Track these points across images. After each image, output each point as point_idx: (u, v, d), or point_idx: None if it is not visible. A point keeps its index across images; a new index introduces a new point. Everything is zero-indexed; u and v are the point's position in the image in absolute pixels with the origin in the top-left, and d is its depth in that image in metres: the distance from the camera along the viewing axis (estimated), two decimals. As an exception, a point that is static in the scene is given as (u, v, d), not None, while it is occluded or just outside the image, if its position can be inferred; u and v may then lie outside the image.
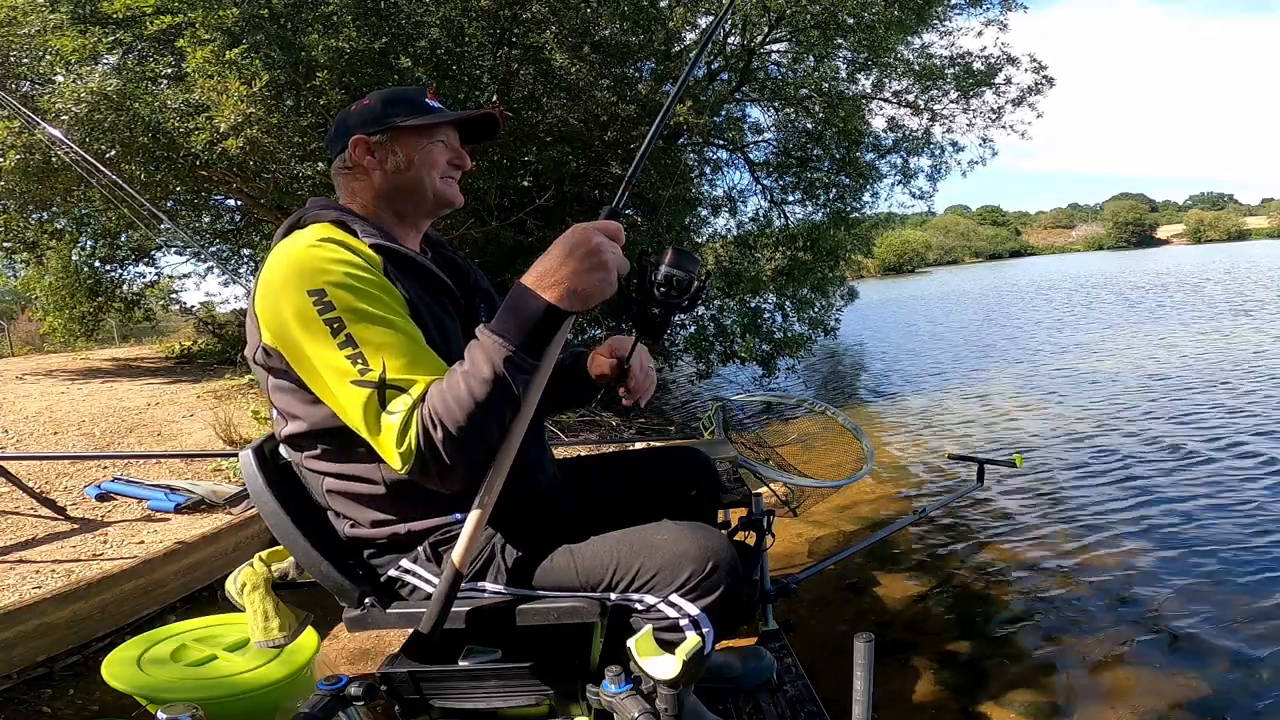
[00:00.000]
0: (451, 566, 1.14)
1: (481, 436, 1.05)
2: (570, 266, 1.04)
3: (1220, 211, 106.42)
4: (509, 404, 1.06)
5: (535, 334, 1.06)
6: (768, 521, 1.93)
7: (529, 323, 1.05)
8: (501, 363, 1.04)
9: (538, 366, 1.08)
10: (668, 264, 1.18)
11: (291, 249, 1.16)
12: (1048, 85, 11.19)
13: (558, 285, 1.05)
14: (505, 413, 1.06)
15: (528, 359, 1.06)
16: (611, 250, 1.06)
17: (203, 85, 5.79)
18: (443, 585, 1.15)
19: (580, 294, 1.05)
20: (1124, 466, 5.02)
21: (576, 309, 1.06)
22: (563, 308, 1.05)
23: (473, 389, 1.03)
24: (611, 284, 1.07)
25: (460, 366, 1.07)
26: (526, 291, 1.06)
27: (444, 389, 1.05)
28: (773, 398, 5.92)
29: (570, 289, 1.04)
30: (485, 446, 1.07)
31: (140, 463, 4.40)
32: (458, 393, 1.04)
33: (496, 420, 1.06)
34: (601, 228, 1.07)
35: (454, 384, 1.05)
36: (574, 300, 1.05)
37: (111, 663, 1.78)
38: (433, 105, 1.35)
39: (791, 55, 10.76)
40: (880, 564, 3.66)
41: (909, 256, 69.10)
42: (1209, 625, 2.85)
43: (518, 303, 1.07)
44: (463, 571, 1.14)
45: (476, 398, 1.03)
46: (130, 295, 11.70)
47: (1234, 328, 12.04)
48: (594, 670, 1.28)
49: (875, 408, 8.40)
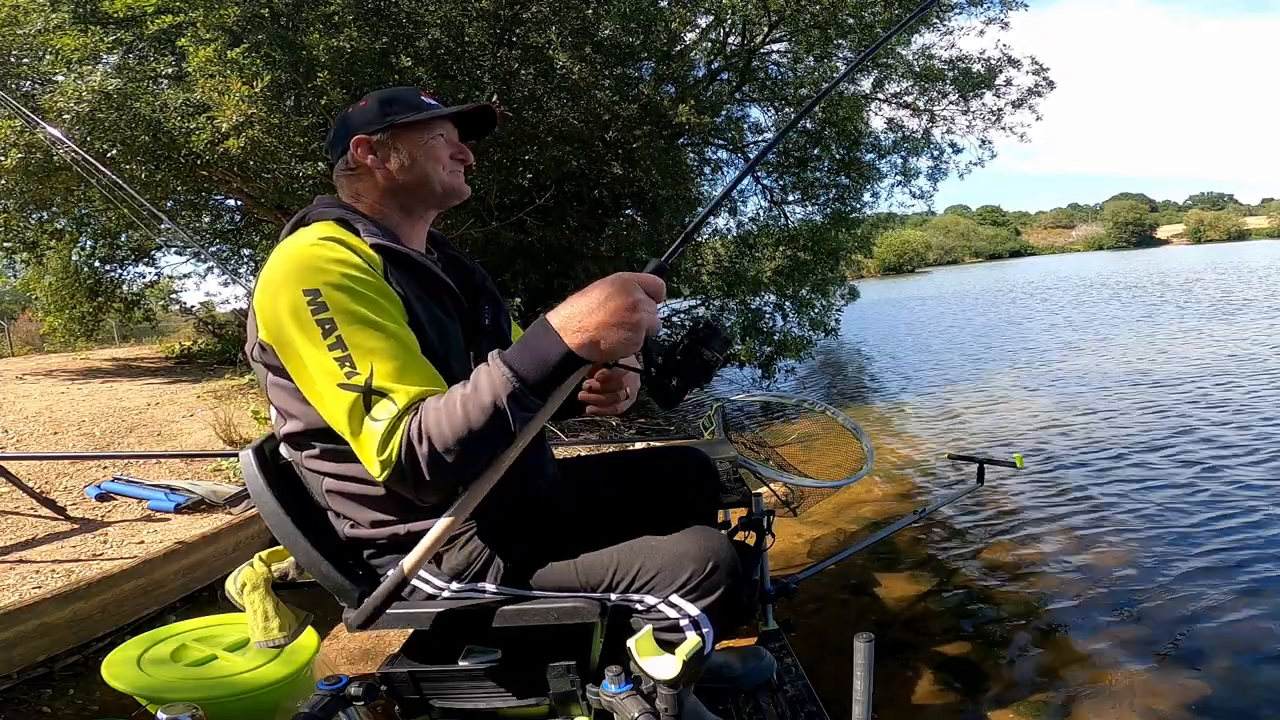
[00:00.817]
0: (399, 571, 1.14)
1: (467, 463, 1.03)
2: (600, 318, 0.99)
3: (1220, 211, 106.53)
4: (503, 439, 1.03)
5: (547, 376, 1.02)
6: (768, 521, 1.94)
7: (543, 364, 1.01)
8: (505, 397, 1.01)
9: (541, 407, 1.05)
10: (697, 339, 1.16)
11: (293, 247, 1.16)
12: (1048, 87, 11.18)
13: (583, 333, 1.00)
14: (497, 446, 1.04)
15: (533, 399, 1.03)
16: (648, 310, 1.02)
17: (204, 85, 5.79)
18: (384, 587, 1.16)
19: (604, 349, 1.00)
20: (1125, 466, 5.02)
21: (596, 360, 1.03)
22: (581, 356, 1.01)
23: (469, 415, 1.01)
24: (637, 344, 1.02)
25: (462, 389, 1.04)
26: (549, 331, 1.02)
27: (440, 407, 1.03)
28: (773, 398, 5.91)
29: (594, 340, 1.00)
30: (469, 470, 1.05)
31: (140, 463, 4.40)
32: (453, 415, 1.02)
33: (487, 451, 1.04)
34: (645, 283, 1.03)
35: (451, 405, 1.03)
36: (594, 352, 1.01)
37: (111, 663, 1.78)
38: (429, 103, 1.36)
39: (791, 55, 10.75)
40: (880, 564, 3.66)
41: (909, 256, 69.14)
42: (1209, 625, 2.85)
43: (538, 340, 1.02)
44: (409, 579, 1.15)
45: (471, 425, 1.01)
46: (130, 295, 11.69)
47: (1234, 327, 12.04)
48: (594, 670, 1.28)
49: (875, 408, 8.40)
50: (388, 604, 1.18)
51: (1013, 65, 11.12)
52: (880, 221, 14.19)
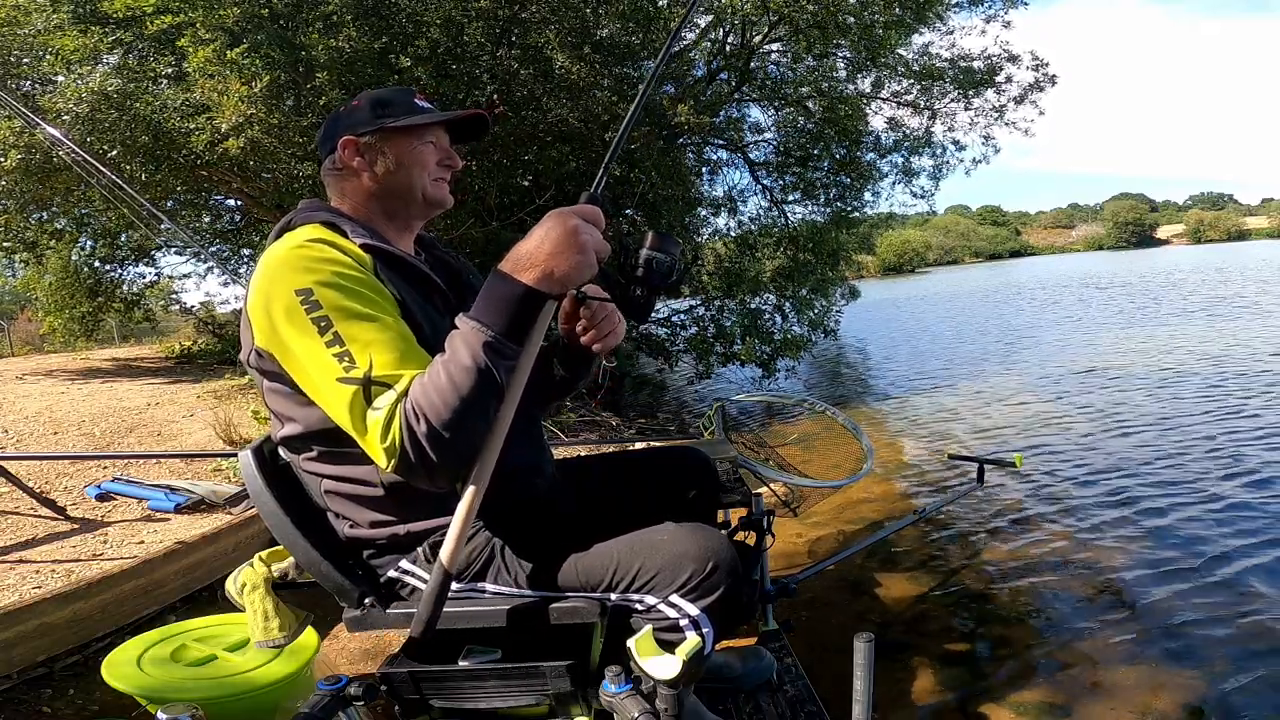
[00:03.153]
0: (440, 567, 1.12)
1: (465, 427, 1.02)
2: (547, 249, 1.04)
3: (1220, 211, 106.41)
4: (492, 393, 1.03)
5: (515, 318, 1.04)
6: (768, 521, 1.94)
7: (507, 307, 1.04)
8: (481, 349, 1.02)
9: (520, 352, 1.06)
10: (649, 247, 1.19)
11: (280, 250, 1.16)
12: (1049, 82, 11.18)
13: (535, 267, 1.04)
14: (490, 402, 1.04)
15: (509, 344, 1.04)
16: (589, 233, 1.06)
17: (203, 85, 5.79)
18: (432, 585, 1.14)
19: (558, 276, 1.04)
20: (1125, 466, 5.02)
21: (555, 291, 1.05)
22: (541, 290, 1.04)
23: (454, 377, 1.01)
24: (590, 266, 1.06)
25: (441, 357, 1.05)
26: (503, 276, 1.05)
27: (425, 380, 1.03)
28: (773, 397, 5.91)
29: (548, 271, 1.03)
30: (470, 439, 1.04)
31: (140, 463, 4.40)
32: (438, 383, 1.02)
33: (480, 410, 1.03)
34: (579, 211, 1.07)
35: (434, 374, 1.03)
36: (552, 283, 1.04)
37: (111, 663, 1.78)
38: (422, 105, 1.35)
39: (791, 55, 10.75)
40: (880, 564, 3.66)
41: (909, 256, 69.09)
42: (1210, 624, 2.85)
43: (495, 288, 1.05)
44: (451, 572, 1.12)
45: (458, 387, 1.01)
46: (130, 295, 11.68)
47: (1234, 328, 12.04)
48: (594, 670, 1.28)
49: (875, 408, 8.40)
50: (440, 604, 1.15)
51: (1012, 61, 11.13)
52: (881, 221, 14.18)
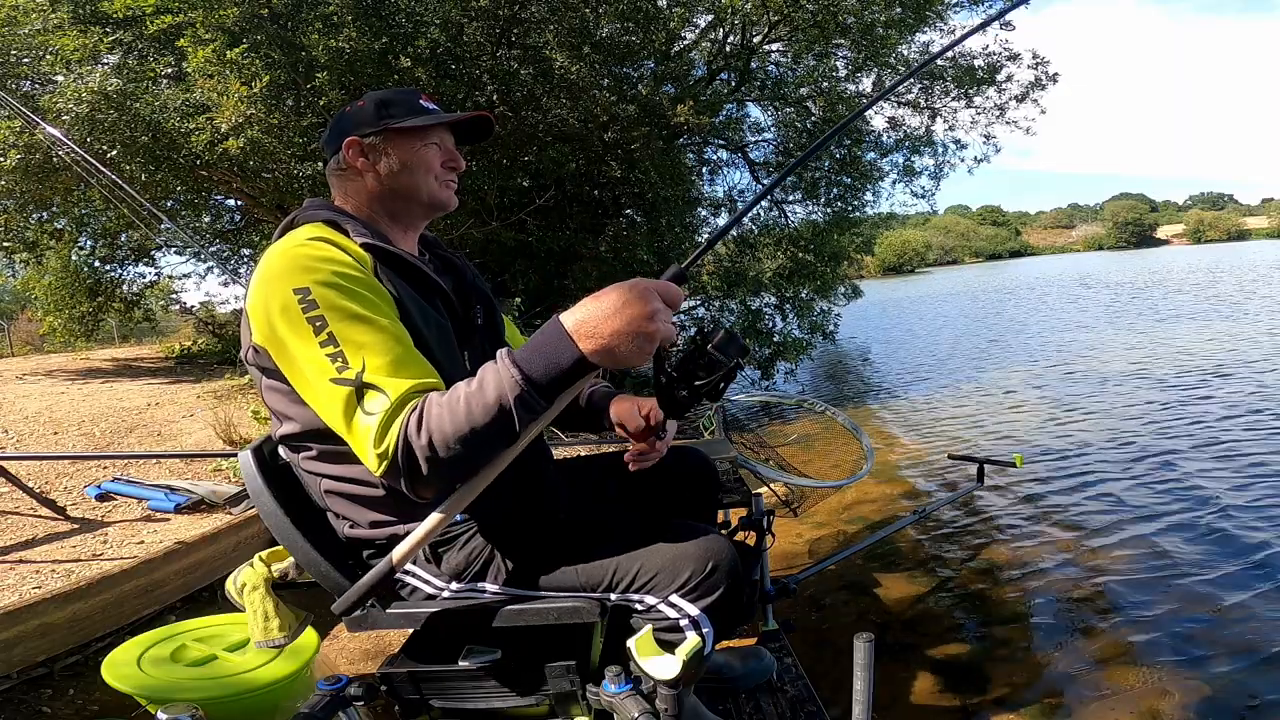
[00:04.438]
0: (388, 562, 1.12)
1: (466, 460, 1.02)
2: (616, 325, 0.96)
3: (1220, 211, 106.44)
4: (505, 438, 1.02)
5: (555, 379, 0.99)
6: (768, 521, 1.94)
7: (554, 368, 0.99)
8: (512, 398, 0.99)
9: (547, 409, 1.03)
10: (714, 346, 1.09)
11: (281, 248, 1.17)
12: (1049, 80, 11.19)
13: (597, 339, 0.97)
14: (498, 445, 1.03)
15: (540, 401, 1.00)
16: (664, 320, 0.98)
17: (203, 85, 5.80)
18: (371, 574, 1.14)
19: (616, 357, 0.97)
20: (1124, 466, 5.02)
21: (607, 367, 1.01)
22: (594, 363, 0.98)
23: (473, 412, 1.00)
24: (649, 355, 0.99)
25: (466, 386, 1.02)
26: (562, 334, 0.98)
27: (443, 403, 1.02)
28: (772, 398, 5.92)
29: (609, 348, 0.97)
30: (465, 469, 1.04)
31: (140, 463, 4.40)
32: (455, 412, 1.00)
33: (487, 449, 1.02)
34: (663, 291, 1.00)
35: (454, 401, 1.01)
36: (607, 359, 0.98)
37: (111, 663, 1.78)
38: (427, 107, 1.35)
39: (791, 55, 10.75)
40: (880, 564, 3.66)
41: (909, 257, 69.09)
42: (1210, 624, 2.85)
43: (550, 343, 0.99)
44: (397, 568, 1.13)
45: (474, 422, 0.99)
46: (130, 295, 11.68)
47: (1233, 328, 12.04)
48: (594, 670, 1.28)
49: (875, 408, 8.39)
50: (373, 593, 1.16)
51: (1012, 60, 11.14)
52: (881, 221, 14.18)
